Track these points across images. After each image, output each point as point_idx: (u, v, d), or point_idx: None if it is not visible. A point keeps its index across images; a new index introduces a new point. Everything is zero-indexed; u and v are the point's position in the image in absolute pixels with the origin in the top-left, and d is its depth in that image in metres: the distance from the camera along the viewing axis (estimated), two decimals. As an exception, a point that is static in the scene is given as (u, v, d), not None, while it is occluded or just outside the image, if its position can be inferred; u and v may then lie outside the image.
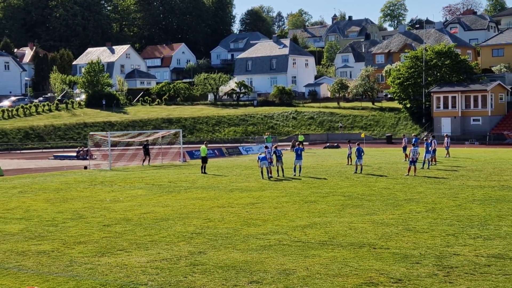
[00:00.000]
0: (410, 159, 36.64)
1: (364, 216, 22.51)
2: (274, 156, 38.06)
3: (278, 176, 37.32)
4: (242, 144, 74.85)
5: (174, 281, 14.49)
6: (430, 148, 41.60)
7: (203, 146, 43.38)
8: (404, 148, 46.89)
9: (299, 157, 38.03)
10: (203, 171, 41.00)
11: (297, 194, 29.02)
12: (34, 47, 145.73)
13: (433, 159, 42.73)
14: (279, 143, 76.34)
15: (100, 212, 25.02)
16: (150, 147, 54.42)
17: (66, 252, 17.76)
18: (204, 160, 41.83)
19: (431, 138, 44.88)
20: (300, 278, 14.42)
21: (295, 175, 37.32)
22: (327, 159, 50.55)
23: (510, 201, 25.29)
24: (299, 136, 67.88)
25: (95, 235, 20.17)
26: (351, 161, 43.50)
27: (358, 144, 39.51)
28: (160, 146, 58.37)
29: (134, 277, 14.90)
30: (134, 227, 21.51)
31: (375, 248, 17.28)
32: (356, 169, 38.16)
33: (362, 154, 38.49)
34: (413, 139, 46.34)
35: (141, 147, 55.06)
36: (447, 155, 47.96)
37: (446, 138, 48.22)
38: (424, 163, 40.50)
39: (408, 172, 36.29)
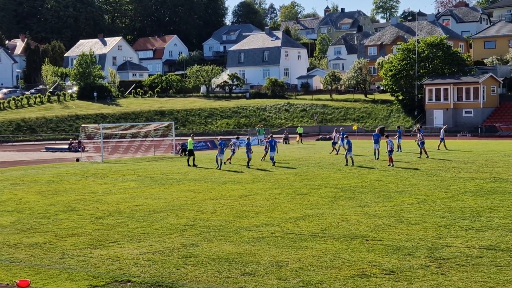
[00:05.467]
0: (388, 149, 37.63)
1: (356, 208, 22.56)
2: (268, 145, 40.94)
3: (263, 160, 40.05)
4: (234, 136, 74.68)
5: (167, 273, 14.49)
6: (418, 140, 42.03)
7: (190, 139, 43.43)
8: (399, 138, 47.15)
9: (273, 148, 40.36)
10: (189, 164, 40.84)
11: (289, 186, 29.05)
12: (26, 39, 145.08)
13: (422, 151, 42.56)
14: (272, 135, 76.33)
15: (93, 205, 24.99)
16: (142, 139, 54.46)
17: (58, 245, 17.74)
18: (191, 152, 41.81)
19: (414, 130, 44.84)
20: (293, 270, 14.45)
21: (273, 165, 39.33)
22: (319, 151, 50.58)
23: (502, 193, 25.38)
24: (298, 128, 67.88)
25: (88, 228, 20.15)
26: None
27: (347, 137, 39.80)
28: (152, 139, 58.28)
29: (126, 269, 14.89)
30: (127, 219, 21.49)
31: (368, 240, 17.32)
32: (347, 162, 38.24)
33: (351, 146, 38.88)
34: (398, 131, 46.87)
35: (133, 139, 55.15)
36: (400, 149, 47.36)
37: (418, 133, 45.29)
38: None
39: (390, 162, 37.12)
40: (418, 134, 43.91)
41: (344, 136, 44.82)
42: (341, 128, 52.29)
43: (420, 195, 25.20)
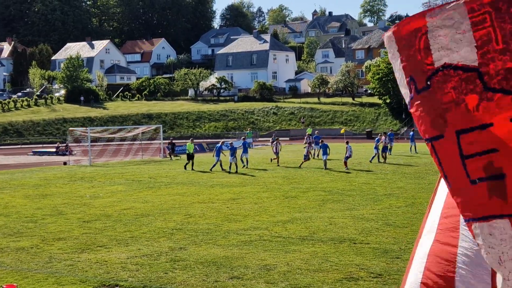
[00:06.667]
0: (347, 155, 38.47)
1: (344, 211, 22.59)
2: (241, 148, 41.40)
3: (245, 167, 39.78)
4: (222, 140, 74.67)
5: (155, 277, 14.44)
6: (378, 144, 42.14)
7: (189, 143, 43.03)
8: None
9: (245, 150, 41.12)
10: (187, 167, 40.44)
11: (277, 190, 29.06)
12: (13, 42, 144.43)
13: (383, 156, 42.16)
14: (260, 139, 76.51)
15: (80, 208, 24.88)
16: (130, 142, 54.36)
17: (45, 249, 17.64)
18: (190, 156, 41.34)
19: (383, 136, 44.14)
20: (281, 273, 14.44)
21: (244, 166, 39.93)
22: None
23: (489, 195, 25.46)
24: (308, 129, 68.17)
25: (75, 231, 20.05)
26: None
27: (322, 141, 40.18)
28: (140, 142, 58.14)
29: (114, 273, 14.83)
30: (114, 223, 21.42)
31: (355, 243, 17.34)
32: (325, 165, 38.34)
33: (328, 150, 38.88)
34: (389, 134, 47.21)
35: (121, 142, 55.22)
36: (389, 152, 47.22)
37: (383, 137, 43.88)
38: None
39: (346, 166, 38.00)
40: (383, 137, 43.34)
41: (319, 140, 44.71)
42: (316, 132, 52.68)
43: (408, 198, 25.27)
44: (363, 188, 28.86)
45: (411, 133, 51.93)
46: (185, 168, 40.47)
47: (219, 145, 40.23)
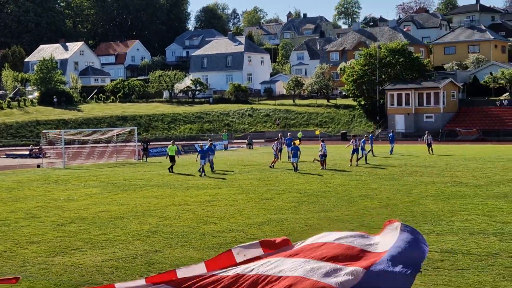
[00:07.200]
0: (321, 153, 39.48)
1: (319, 212, 22.68)
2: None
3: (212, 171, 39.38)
4: (197, 142, 74.55)
5: (130, 280, 14.35)
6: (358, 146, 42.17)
7: (170, 146, 42.58)
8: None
9: (212, 152, 41.01)
10: (171, 171, 40.02)
11: (253, 192, 29.09)
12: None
13: (351, 160, 41.78)
14: (235, 140, 76.51)
15: (54, 211, 24.68)
16: (104, 145, 54.05)
17: (19, 252, 17.48)
18: (172, 159, 41.02)
19: (352, 139, 44.08)
20: (257, 275, 14.43)
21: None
22: (283, 157, 50.62)
23: (462, 196, 25.76)
24: (298, 133, 68.30)
25: (49, 235, 19.89)
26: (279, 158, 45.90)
27: (294, 144, 40.23)
28: (115, 144, 57.79)
29: (89, 277, 14.74)
30: (89, 226, 21.28)
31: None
32: (296, 168, 38.35)
33: (298, 153, 38.98)
34: (370, 136, 47.48)
35: (96, 145, 54.89)
36: (372, 154, 47.55)
37: (353, 140, 43.70)
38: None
39: (322, 165, 39.28)
40: (352, 140, 43.24)
41: (292, 142, 44.70)
42: (288, 134, 52.79)
43: (383, 199, 25.44)
44: (338, 189, 29.01)
45: (391, 134, 52.20)
46: (172, 171, 39.87)
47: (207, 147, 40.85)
